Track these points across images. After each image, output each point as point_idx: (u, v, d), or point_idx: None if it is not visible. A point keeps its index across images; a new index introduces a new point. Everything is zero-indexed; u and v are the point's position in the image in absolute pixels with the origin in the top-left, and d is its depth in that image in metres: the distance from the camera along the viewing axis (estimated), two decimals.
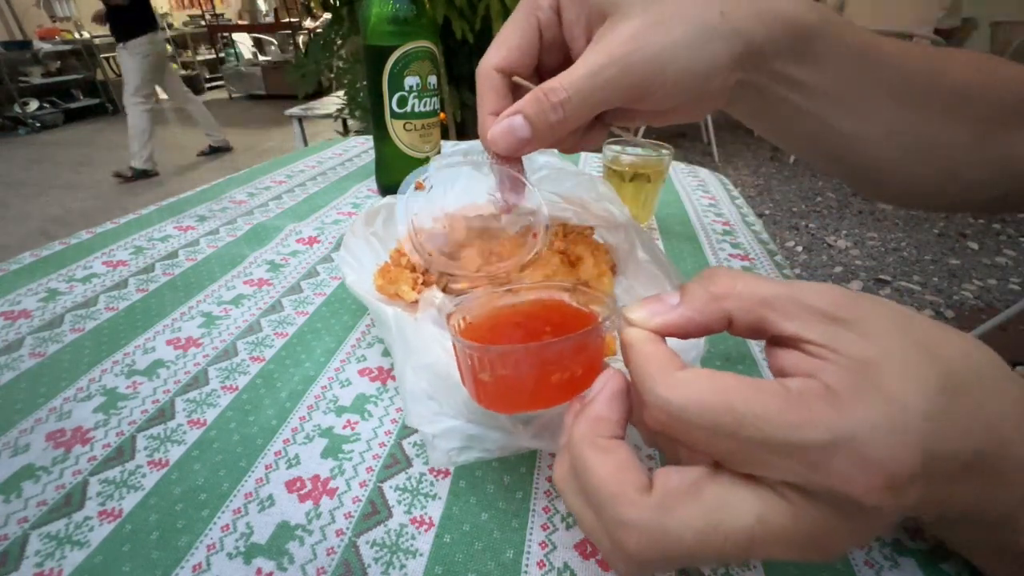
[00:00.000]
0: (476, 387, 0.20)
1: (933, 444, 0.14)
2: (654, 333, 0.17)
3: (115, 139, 3.92)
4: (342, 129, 2.29)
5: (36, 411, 0.29)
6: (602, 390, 0.18)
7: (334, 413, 0.29)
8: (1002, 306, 1.41)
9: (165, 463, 0.26)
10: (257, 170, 0.70)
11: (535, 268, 0.30)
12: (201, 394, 0.31)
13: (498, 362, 0.19)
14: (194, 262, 0.46)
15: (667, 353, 0.17)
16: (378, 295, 0.32)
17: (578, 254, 0.34)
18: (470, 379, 0.20)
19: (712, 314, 0.17)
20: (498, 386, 0.19)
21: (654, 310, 0.18)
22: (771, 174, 2.68)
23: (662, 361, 0.16)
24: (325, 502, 0.24)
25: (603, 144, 0.53)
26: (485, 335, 0.21)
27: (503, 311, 0.22)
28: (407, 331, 0.26)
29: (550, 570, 0.22)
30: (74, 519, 0.23)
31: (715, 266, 0.17)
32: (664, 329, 0.17)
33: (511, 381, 0.19)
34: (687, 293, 0.18)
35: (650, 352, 0.17)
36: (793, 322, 0.16)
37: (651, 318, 0.18)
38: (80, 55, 4.57)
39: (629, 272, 0.36)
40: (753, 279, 0.17)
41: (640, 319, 0.18)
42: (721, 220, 0.58)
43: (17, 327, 0.36)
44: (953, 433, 0.14)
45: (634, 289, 0.35)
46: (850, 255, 1.87)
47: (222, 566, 0.22)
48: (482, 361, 0.19)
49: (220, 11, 6.10)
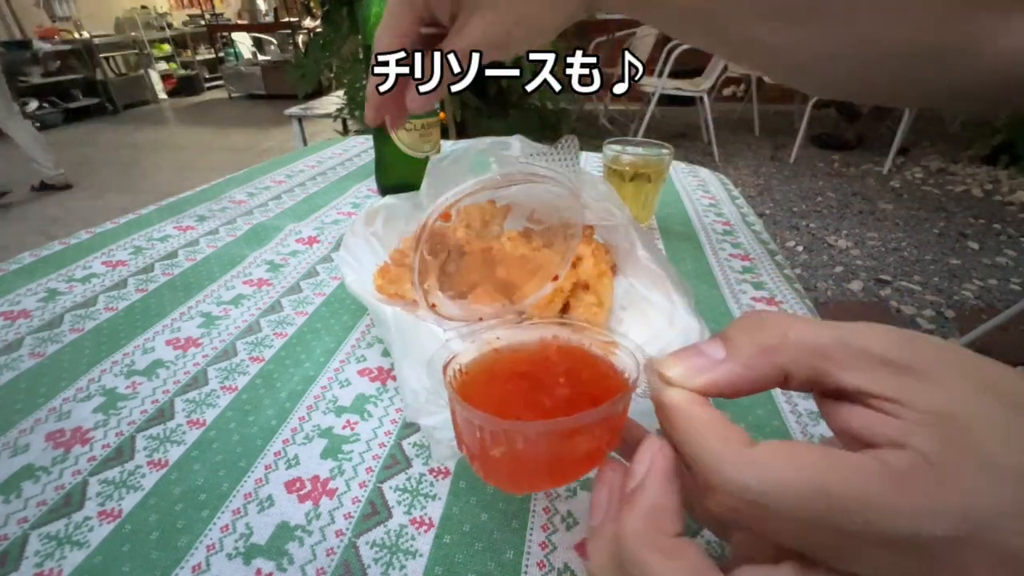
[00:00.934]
0: (484, 463, 0.17)
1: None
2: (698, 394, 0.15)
3: (115, 139, 3.92)
4: (342, 129, 2.29)
5: (36, 411, 0.29)
6: (652, 471, 0.15)
7: (334, 413, 0.29)
8: (1002, 306, 1.41)
9: (164, 463, 0.26)
10: (257, 170, 0.70)
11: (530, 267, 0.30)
12: (200, 394, 0.31)
13: (517, 438, 0.16)
14: (193, 262, 0.46)
15: (726, 422, 0.14)
16: (378, 295, 0.32)
17: (578, 254, 0.34)
18: (477, 454, 0.17)
19: (764, 369, 0.15)
20: (513, 463, 0.16)
21: (696, 366, 0.15)
22: (771, 174, 2.68)
23: (725, 434, 0.14)
24: (325, 502, 0.24)
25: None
26: (486, 390, 0.18)
27: (503, 357, 0.19)
28: (406, 330, 0.26)
29: (550, 570, 0.22)
30: (74, 519, 0.23)
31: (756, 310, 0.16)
32: (710, 389, 0.15)
33: (528, 458, 0.16)
34: (733, 345, 0.15)
35: (706, 421, 0.14)
36: (855, 373, 0.14)
37: (694, 376, 0.15)
38: (80, 55, 4.57)
39: (629, 271, 0.36)
40: (805, 324, 0.15)
41: (681, 377, 0.15)
42: (721, 220, 0.58)
43: (17, 327, 0.36)
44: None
45: (634, 289, 0.35)
46: (850, 255, 1.87)
47: (222, 566, 0.21)
48: (496, 436, 0.16)
49: (219, 11, 6.09)
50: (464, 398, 0.17)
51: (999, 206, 2.23)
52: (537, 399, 0.17)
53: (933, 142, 3.03)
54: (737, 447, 0.13)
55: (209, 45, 5.89)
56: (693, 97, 2.76)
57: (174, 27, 5.75)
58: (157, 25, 5.53)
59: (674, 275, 0.32)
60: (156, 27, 5.51)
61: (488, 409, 0.16)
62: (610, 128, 3.32)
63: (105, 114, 4.72)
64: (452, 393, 0.17)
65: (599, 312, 0.32)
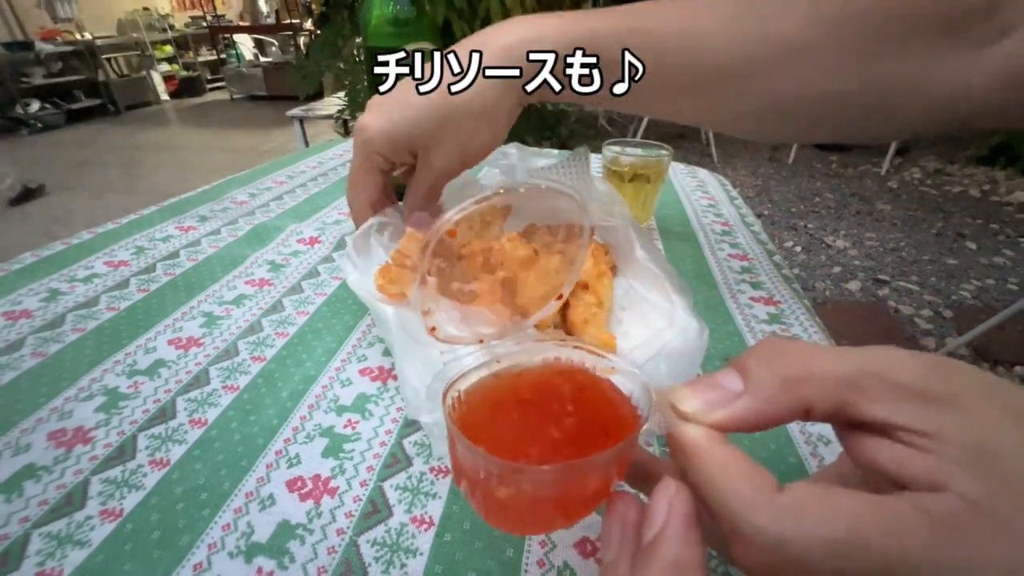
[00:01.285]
0: (486, 504, 0.16)
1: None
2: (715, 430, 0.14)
3: (117, 140, 3.92)
4: (343, 130, 2.29)
5: (37, 411, 0.29)
6: (671, 520, 0.13)
7: (335, 412, 0.30)
8: (1000, 306, 1.41)
9: (166, 462, 0.26)
10: (258, 170, 0.70)
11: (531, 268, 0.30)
12: (202, 394, 0.31)
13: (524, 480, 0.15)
14: (195, 262, 0.46)
15: (751, 463, 0.13)
16: (379, 295, 0.32)
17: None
18: (480, 494, 0.16)
19: (786, 404, 0.14)
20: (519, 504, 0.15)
21: (712, 400, 0.14)
22: (769, 175, 2.68)
23: (752, 478, 0.13)
24: (326, 501, 0.24)
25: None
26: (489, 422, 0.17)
27: (504, 383, 0.18)
28: (407, 328, 0.26)
29: (550, 569, 0.22)
30: (75, 518, 0.23)
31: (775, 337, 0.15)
32: (728, 425, 0.14)
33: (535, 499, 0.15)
34: (751, 377, 0.14)
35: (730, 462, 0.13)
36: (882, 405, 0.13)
37: (710, 411, 0.14)
38: (82, 56, 4.58)
39: (628, 272, 0.36)
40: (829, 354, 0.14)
41: (697, 412, 0.14)
42: (720, 220, 0.58)
43: (19, 327, 0.36)
44: None
45: (634, 289, 0.35)
46: (848, 255, 1.87)
47: (223, 565, 0.22)
48: (503, 478, 0.15)
49: (221, 12, 6.10)
50: (465, 430, 0.15)
51: (997, 206, 2.23)
52: (545, 430, 0.16)
53: (931, 143, 3.04)
54: (768, 494, 0.12)
55: (211, 46, 5.90)
56: None
57: (176, 28, 5.76)
58: (159, 26, 5.54)
59: (673, 275, 0.32)
60: (158, 28, 5.52)
61: (493, 444, 0.15)
62: (609, 129, 3.32)
63: (107, 115, 4.72)
64: (453, 427, 0.15)
65: (599, 312, 0.32)
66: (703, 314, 0.39)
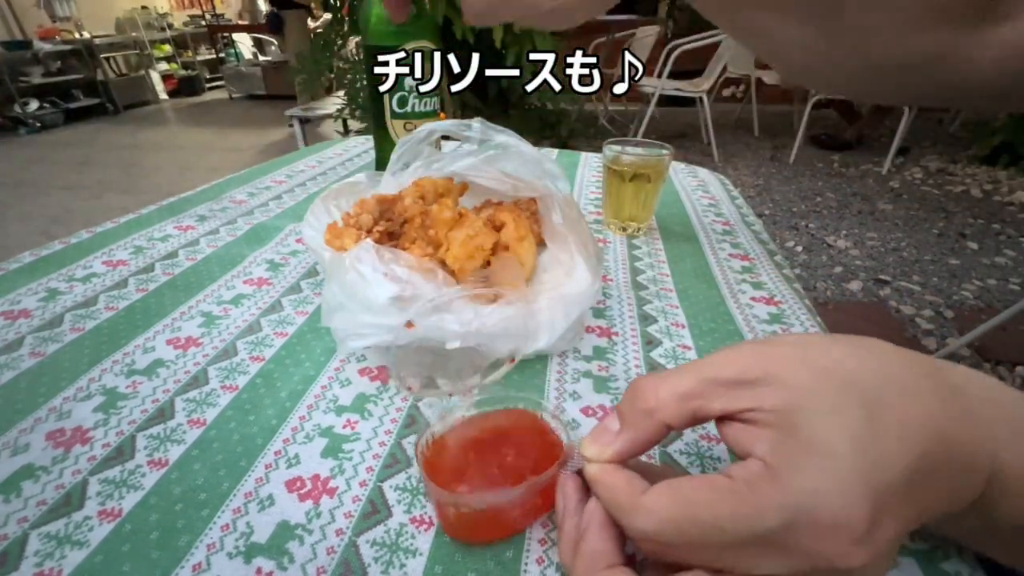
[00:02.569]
0: (444, 521, 0.23)
1: (877, 476, 0.14)
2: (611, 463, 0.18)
3: (116, 139, 3.92)
4: (342, 129, 2.29)
5: (36, 411, 0.29)
6: (590, 525, 0.18)
7: (334, 412, 0.29)
8: (1002, 306, 1.41)
9: (165, 463, 0.26)
10: (257, 170, 0.70)
11: (459, 228, 0.35)
12: (201, 394, 0.31)
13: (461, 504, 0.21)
14: (194, 262, 0.46)
15: (628, 479, 0.17)
16: (326, 247, 0.35)
17: (501, 220, 0.37)
18: (439, 512, 0.23)
19: (650, 429, 0.18)
20: (465, 522, 0.22)
21: (603, 442, 0.19)
22: (771, 174, 2.68)
23: (626, 490, 0.17)
24: (325, 501, 0.24)
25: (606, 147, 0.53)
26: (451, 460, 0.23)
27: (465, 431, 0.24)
28: (336, 263, 0.31)
29: (548, 565, 0.22)
30: (74, 519, 0.23)
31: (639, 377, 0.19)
32: (617, 458, 0.18)
33: (475, 518, 0.22)
34: (623, 415, 0.19)
35: (612, 484, 0.17)
36: (717, 401, 0.17)
37: (603, 451, 0.18)
38: (80, 55, 4.57)
39: (550, 238, 0.39)
40: (671, 377, 0.18)
41: (594, 454, 0.19)
42: (721, 220, 0.58)
43: (17, 327, 0.36)
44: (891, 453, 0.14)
45: (551, 252, 0.38)
46: (850, 255, 1.87)
47: (222, 566, 0.22)
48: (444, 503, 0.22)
49: (220, 11, 6.09)
50: (432, 466, 0.22)
51: (998, 206, 2.23)
52: (488, 468, 0.22)
53: (932, 142, 3.04)
54: (636, 498, 0.16)
55: (210, 45, 5.90)
56: (693, 98, 2.77)
57: (175, 28, 5.75)
58: (158, 25, 5.53)
59: (583, 234, 0.36)
60: (157, 27, 5.51)
61: (449, 476, 0.22)
62: (610, 128, 3.32)
63: (106, 114, 4.72)
64: (417, 464, 0.23)
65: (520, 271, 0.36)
66: (703, 314, 0.39)
